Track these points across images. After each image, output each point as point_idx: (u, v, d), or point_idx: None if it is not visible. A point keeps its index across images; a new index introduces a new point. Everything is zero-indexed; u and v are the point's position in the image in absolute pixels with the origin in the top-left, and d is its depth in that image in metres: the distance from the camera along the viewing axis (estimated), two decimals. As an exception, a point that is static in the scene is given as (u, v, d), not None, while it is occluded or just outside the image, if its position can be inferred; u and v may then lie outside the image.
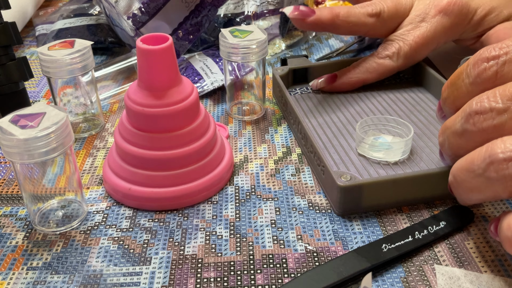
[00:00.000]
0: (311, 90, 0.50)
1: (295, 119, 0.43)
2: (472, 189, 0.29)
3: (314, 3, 0.73)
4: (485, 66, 0.30)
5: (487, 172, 0.28)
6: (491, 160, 0.27)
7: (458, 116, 0.31)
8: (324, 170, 0.37)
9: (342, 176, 0.35)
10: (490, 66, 0.30)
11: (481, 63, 0.30)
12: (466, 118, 0.30)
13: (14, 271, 0.32)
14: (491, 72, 0.30)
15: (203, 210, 0.37)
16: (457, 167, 0.30)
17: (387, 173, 0.38)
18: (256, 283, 0.31)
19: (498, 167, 0.27)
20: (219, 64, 0.54)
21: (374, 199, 0.35)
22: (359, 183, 0.34)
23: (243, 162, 0.42)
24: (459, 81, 0.32)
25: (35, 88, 0.55)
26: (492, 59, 0.30)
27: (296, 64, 0.51)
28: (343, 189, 0.34)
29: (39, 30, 0.68)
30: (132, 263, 0.33)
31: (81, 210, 0.37)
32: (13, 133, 0.31)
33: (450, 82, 0.33)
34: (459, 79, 0.32)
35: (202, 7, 0.52)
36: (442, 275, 0.31)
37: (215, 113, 0.49)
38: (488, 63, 0.30)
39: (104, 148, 0.45)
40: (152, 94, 0.36)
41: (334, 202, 0.36)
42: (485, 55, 0.30)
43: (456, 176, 0.30)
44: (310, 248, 0.34)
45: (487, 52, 0.30)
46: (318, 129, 0.44)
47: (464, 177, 0.29)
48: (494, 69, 0.30)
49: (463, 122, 0.30)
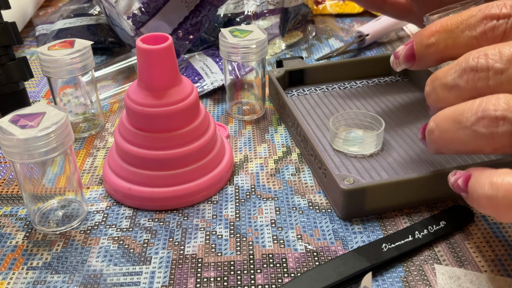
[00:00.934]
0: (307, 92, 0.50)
1: (294, 121, 0.43)
2: (453, 140, 0.28)
3: (314, 3, 0.73)
4: (494, 24, 0.28)
5: (476, 126, 0.27)
6: (483, 115, 0.26)
7: (451, 69, 0.29)
8: (326, 173, 0.37)
9: (345, 180, 0.35)
10: (500, 24, 0.28)
11: (490, 20, 0.28)
12: (460, 73, 0.28)
13: (14, 271, 0.32)
14: (499, 32, 0.28)
15: (203, 210, 0.37)
16: (443, 115, 0.29)
17: (389, 175, 0.38)
18: (256, 282, 0.31)
19: (488, 123, 0.26)
20: (219, 64, 0.54)
21: (377, 202, 0.35)
22: (363, 186, 0.34)
23: (243, 162, 0.42)
24: (457, 31, 0.30)
25: (35, 88, 0.55)
26: (503, 17, 0.28)
27: (292, 65, 0.51)
28: (347, 193, 0.34)
29: (39, 30, 0.68)
30: (132, 263, 0.33)
31: (81, 210, 0.37)
32: (13, 133, 0.31)
33: (444, 28, 0.31)
34: (458, 28, 0.30)
35: (202, 7, 0.52)
36: (442, 275, 0.31)
37: (215, 113, 0.49)
38: (498, 21, 0.28)
39: (104, 148, 0.45)
40: (152, 94, 0.36)
41: (336, 205, 0.36)
42: (495, 11, 0.28)
43: (439, 125, 0.29)
44: (310, 247, 0.33)
45: (498, 8, 0.28)
46: (316, 131, 0.44)
47: (449, 126, 0.28)
48: (503, 28, 0.28)
49: (456, 77, 0.29)
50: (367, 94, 0.49)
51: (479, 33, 0.29)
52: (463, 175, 0.28)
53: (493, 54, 0.27)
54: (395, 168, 0.38)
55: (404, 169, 0.38)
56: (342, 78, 0.51)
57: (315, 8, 0.73)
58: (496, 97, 0.26)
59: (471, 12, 0.29)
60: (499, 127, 0.26)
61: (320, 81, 0.51)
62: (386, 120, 0.44)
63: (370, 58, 0.52)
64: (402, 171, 0.38)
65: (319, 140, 0.42)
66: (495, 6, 0.28)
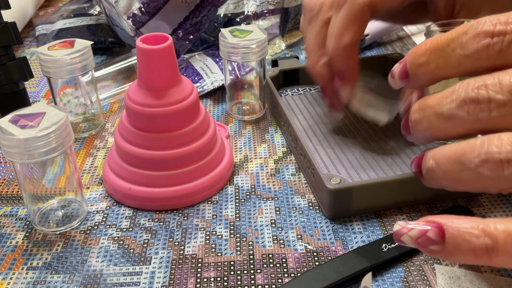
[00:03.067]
0: (301, 92, 0.50)
1: (285, 121, 0.43)
2: (458, 181, 0.27)
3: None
4: (488, 42, 0.26)
5: (480, 169, 0.26)
6: (486, 157, 0.25)
7: (446, 97, 0.28)
8: (314, 172, 0.37)
9: (332, 179, 0.35)
10: (495, 43, 0.26)
11: (483, 37, 0.26)
12: (459, 103, 0.27)
13: (14, 271, 0.32)
14: (494, 51, 0.26)
15: (203, 210, 0.37)
16: (444, 155, 0.28)
17: (377, 175, 0.38)
18: (256, 282, 0.31)
19: (493, 166, 0.25)
20: (219, 64, 0.54)
21: (364, 202, 0.35)
22: (349, 186, 0.34)
23: (243, 162, 0.42)
24: (448, 49, 0.28)
25: (35, 88, 0.55)
26: (497, 34, 0.26)
27: (287, 65, 0.51)
28: (333, 192, 0.34)
29: (39, 30, 0.68)
30: (132, 263, 0.33)
31: (81, 210, 0.37)
32: (13, 133, 0.31)
33: (434, 47, 0.29)
34: (449, 47, 0.28)
35: (202, 7, 0.52)
36: (442, 275, 0.31)
37: (215, 113, 0.49)
38: (492, 38, 0.26)
39: (104, 148, 0.45)
40: (152, 94, 0.36)
41: (324, 205, 0.36)
42: (489, 28, 0.26)
43: (441, 165, 0.28)
44: (310, 247, 0.34)
45: (492, 25, 0.26)
46: (308, 131, 0.44)
47: (451, 167, 0.27)
48: (499, 47, 0.26)
49: (454, 107, 0.27)
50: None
51: (472, 52, 0.27)
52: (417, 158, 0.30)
53: (493, 84, 0.26)
54: (384, 168, 0.38)
55: (393, 169, 0.38)
56: None
57: (315, 8, 0.72)
58: (498, 137, 0.25)
59: (463, 29, 0.27)
60: (504, 170, 0.25)
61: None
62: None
63: (366, 58, 0.52)
64: (391, 171, 0.38)
65: (310, 139, 0.42)
66: (488, 22, 0.26)
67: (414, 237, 0.26)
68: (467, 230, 0.25)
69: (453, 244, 0.25)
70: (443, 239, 0.25)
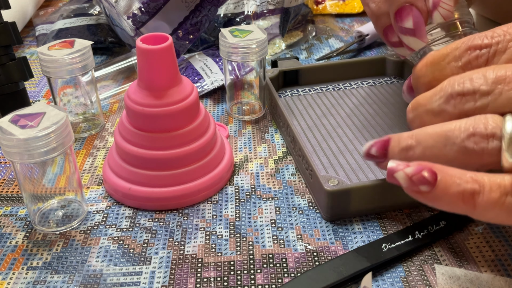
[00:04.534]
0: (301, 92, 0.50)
1: (284, 122, 0.43)
2: (439, 157, 0.29)
3: (314, 3, 0.73)
4: (477, 54, 0.30)
5: (466, 142, 0.28)
6: (474, 131, 0.27)
7: (435, 95, 0.31)
8: (312, 174, 0.37)
9: (330, 181, 0.34)
10: (482, 54, 0.30)
11: (473, 50, 0.30)
12: (446, 98, 0.30)
13: (14, 271, 0.32)
14: (483, 60, 0.30)
15: (203, 210, 0.37)
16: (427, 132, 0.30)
17: (376, 177, 0.38)
18: (256, 282, 0.31)
19: (479, 139, 0.27)
20: (219, 64, 0.54)
21: (362, 204, 0.35)
22: (347, 188, 0.34)
23: (243, 161, 0.42)
24: (443, 63, 0.32)
25: (35, 88, 0.55)
26: (485, 47, 0.30)
27: (286, 66, 0.50)
28: (331, 194, 0.34)
29: (39, 30, 0.68)
30: (132, 263, 0.33)
31: (81, 210, 0.37)
32: (13, 133, 0.31)
33: (431, 62, 0.33)
34: (444, 60, 0.32)
35: (202, 7, 0.52)
36: (442, 275, 0.31)
37: (215, 113, 0.49)
38: (480, 50, 0.30)
39: (104, 148, 0.45)
40: (152, 94, 0.36)
41: (321, 206, 0.36)
42: (478, 42, 0.30)
43: (422, 141, 0.30)
44: (310, 247, 0.34)
45: (480, 40, 0.30)
46: (307, 132, 0.44)
47: (434, 143, 0.29)
48: (485, 57, 0.30)
49: (442, 102, 0.30)
50: (361, 95, 0.49)
51: (464, 63, 0.31)
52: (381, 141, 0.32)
53: (478, 77, 0.29)
54: (383, 170, 0.38)
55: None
56: (336, 79, 0.51)
57: (315, 8, 0.73)
58: (485, 116, 0.28)
59: (456, 45, 0.31)
60: (489, 143, 0.27)
61: (315, 82, 0.51)
62: (378, 121, 0.44)
63: (365, 59, 0.52)
64: None
65: (309, 140, 0.42)
66: (477, 37, 0.30)
67: (410, 174, 0.28)
68: (458, 175, 0.27)
69: (444, 186, 0.27)
70: (435, 180, 0.27)
